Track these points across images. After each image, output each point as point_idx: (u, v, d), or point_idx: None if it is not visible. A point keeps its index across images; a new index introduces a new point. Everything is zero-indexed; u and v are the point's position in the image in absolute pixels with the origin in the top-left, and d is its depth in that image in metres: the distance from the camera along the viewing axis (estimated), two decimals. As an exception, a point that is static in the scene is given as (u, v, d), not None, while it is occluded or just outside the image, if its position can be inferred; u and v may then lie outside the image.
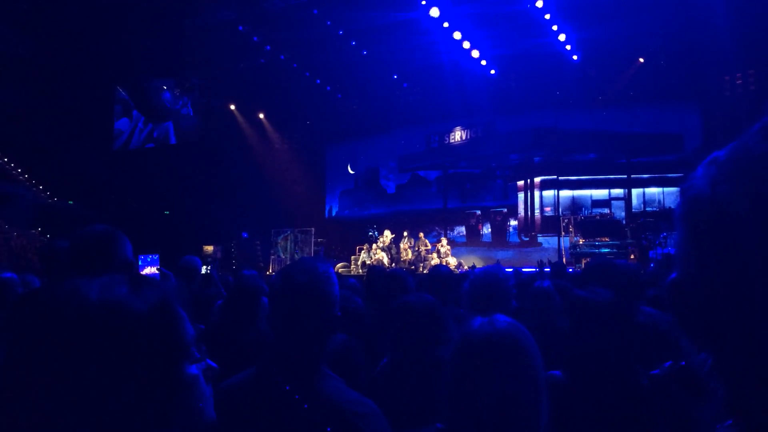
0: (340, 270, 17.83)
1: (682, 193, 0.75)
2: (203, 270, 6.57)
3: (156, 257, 16.42)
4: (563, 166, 20.77)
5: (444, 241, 18.65)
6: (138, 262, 15.26)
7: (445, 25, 16.76)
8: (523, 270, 9.81)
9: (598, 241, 16.31)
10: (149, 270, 15.13)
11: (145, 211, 21.33)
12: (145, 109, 22.76)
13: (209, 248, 20.38)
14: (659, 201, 19.62)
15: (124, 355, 0.88)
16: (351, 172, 24.96)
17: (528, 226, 21.36)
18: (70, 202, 22.76)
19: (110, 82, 22.55)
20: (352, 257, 19.06)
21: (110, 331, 0.88)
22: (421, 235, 18.90)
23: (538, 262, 14.91)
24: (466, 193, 22.60)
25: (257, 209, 22.25)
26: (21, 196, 22.12)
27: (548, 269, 7.62)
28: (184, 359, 0.97)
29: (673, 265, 0.76)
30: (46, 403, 0.83)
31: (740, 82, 17.16)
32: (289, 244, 21.28)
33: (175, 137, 22.65)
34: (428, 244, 18.62)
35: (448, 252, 18.09)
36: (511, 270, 5.34)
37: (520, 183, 21.66)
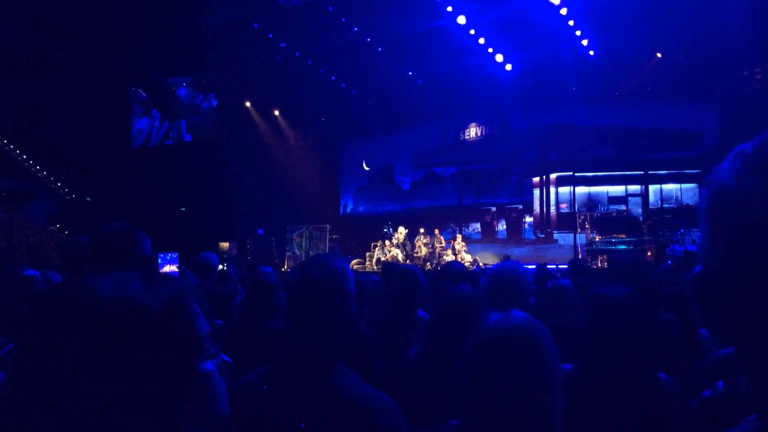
0: (354, 266, 17.71)
1: (706, 185, 0.74)
2: (220, 266, 6.54)
3: (175, 255, 16.42)
4: (579, 162, 20.40)
5: (459, 237, 18.57)
6: (158, 261, 15.44)
7: (461, 21, 16.59)
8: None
9: (614, 238, 15.92)
10: (169, 268, 14.93)
11: (163, 209, 21.34)
12: (162, 107, 22.79)
13: (225, 245, 20.46)
14: (677, 197, 19.20)
15: (138, 351, 0.88)
16: (366, 168, 24.70)
17: (543, 223, 21.10)
18: (88, 199, 22.86)
19: (127, 81, 22.52)
20: (367, 254, 18.96)
21: (123, 328, 0.88)
22: (436, 231, 18.74)
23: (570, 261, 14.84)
24: (481, 189, 22.31)
25: (272, 206, 22.13)
26: (40, 193, 22.16)
27: (566, 266, 7.67)
28: (198, 355, 0.97)
29: (697, 259, 0.74)
30: (62, 398, 0.84)
31: (759, 77, 16.69)
32: (304, 240, 21.29)
33: (191, 135, 22.70)
34: (443, 241, 18.45)
35: (464, 249, 18.05)
36: (533, 267, 5.21)
37: (536, 179, 21.36)
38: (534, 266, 5.53)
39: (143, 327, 0.90)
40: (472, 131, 22.36)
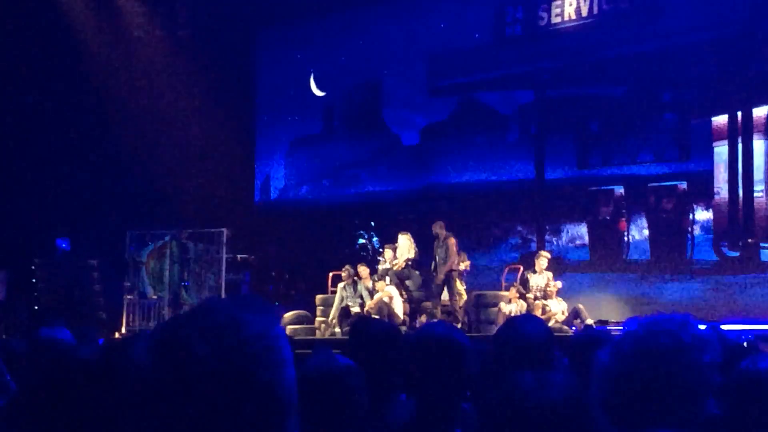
0: (290, 330, 11.22)
1: None
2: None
3: None
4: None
5: (544, 257, 11.64)
6: None
7: None
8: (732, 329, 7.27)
9: None
10: None
11: None
12: None
13: (-20, 277, 14.24)
14: None
15: None
16: (318, 94, 15.44)
17: (738, 223, 12.44)
18: None
19: None
20: (318, 297, 12.40)
21: None
22: (451, 241, 12.02)
23: None
24: (589, 143, 13.46)
25: (94, 187, 14.94)
26: None
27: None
28: None
29: None
30: None
31: None
32: (167, 264, 13.73)
33: None
34: (464, 260, 12.34)
35: (554, 285, 11.26)
36: (705, 327, 3.16)
37: (719, 121, 12.45)
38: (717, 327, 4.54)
39: None
40: (568, 8, 13.21)
